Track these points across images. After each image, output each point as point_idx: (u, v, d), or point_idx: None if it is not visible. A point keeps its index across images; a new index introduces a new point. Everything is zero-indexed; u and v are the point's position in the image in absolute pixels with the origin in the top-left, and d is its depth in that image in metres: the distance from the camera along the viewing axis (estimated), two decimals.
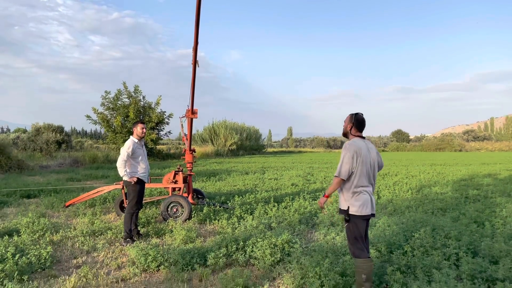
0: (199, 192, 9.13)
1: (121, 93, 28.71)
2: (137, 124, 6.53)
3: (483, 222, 6.83)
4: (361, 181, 3.96)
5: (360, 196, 3.96)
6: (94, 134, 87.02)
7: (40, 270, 4.89)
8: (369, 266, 3.88)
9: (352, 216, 3.96)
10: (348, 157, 3.92)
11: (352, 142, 4.02)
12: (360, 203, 3.94)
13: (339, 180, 3.97)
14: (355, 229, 3.98)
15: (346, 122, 4.18)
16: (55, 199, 9.73)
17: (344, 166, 3.92)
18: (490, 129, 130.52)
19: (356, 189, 3.96)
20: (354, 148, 3.94)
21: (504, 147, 64.20)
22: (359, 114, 4.12)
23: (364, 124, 4.13)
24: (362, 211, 3.94)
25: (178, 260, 4.89)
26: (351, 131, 4.14)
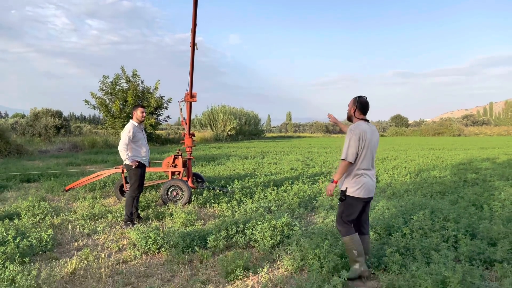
0: (199, 176, 9.15)
1: (119, 77, 28.55)
2: (137, 108, 6.51)
3: (482, 205, 6.87)
4: (364, 164, 3.99)
5: (360, 178, 3.99)
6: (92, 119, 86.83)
7: (41, 253, 4.92)
8: (357, 241, 3.98)
9: (348, 197, 4.03)
10: (354, 140, 3.92)
11: (357, 125, 4.02)
12: (359, 185, 3.98)
13: (347, 163, 3.96)
14: (348, 209, 4.06)
15: (350, 105, 4.18)
16: (55, 183, 9.75)
17: (351, 149, 3.92)
18: (489, 114, 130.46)
19: (358, 172, 3.99)
20: (359, 131, 3.94)
21: (503, 132, 64.26)
22: (362, 97, 4.12)
23: (367, 107, 4.13)
24: (359, 193, 3.99)
25: (179, 243, 4.92)
26: (355, 114, 4.14)
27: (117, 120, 27.99)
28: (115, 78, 28.44)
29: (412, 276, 3.70)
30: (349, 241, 4.00)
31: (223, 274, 4.12)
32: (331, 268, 4.03)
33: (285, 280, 4.04)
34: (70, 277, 4.15)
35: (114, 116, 28.16)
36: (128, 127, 6.35)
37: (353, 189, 4.00)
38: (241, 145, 30.62)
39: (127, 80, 28.68)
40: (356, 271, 3.97)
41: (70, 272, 4.23)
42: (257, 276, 4.18)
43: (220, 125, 41.95)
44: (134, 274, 4.24)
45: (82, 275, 4.19)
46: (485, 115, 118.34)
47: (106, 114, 28.52)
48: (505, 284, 3.62)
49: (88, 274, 4.22)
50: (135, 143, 6.40)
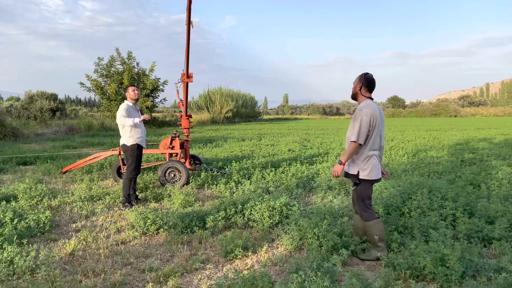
0: (196, 157, 9.11)
1: (114, 59, 28.25)
2: (128, 88, 6.50)
3: (479, 184, 6.89)
4: (374, 145, 3.88)
5: (370, 160, 3.88)
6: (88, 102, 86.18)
7: (40, 234, 4.90)
8: (379, 227, 3.91)
9: (362, 181, 3.91)
10: (366, 120, 3.77)
11: (367, 104, 3.86)
12: (371, 167, 3.87)
13: (357, 145, 3.82)
14: (364, 192, 3.95)
15: (355, 83, 4.01)
16: (52, 165, 9.70)
17: (362, 130, 3.78)
18: (485, 95, 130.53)
19: (368, 153, 3.87)
20: (370, 111, 3.79)
21: (499, 113, 64.36)
22: (369, 74, 3.96)
23: (374, 84, 3.98)
24: (372, 175, 3.88)
25: (177, 223, 4.91)
26: (361, 91, 3.97)
27: (113, 102, 27.80)
28: (110, 60, 28.15)
29: (411, 254, 3.72)
30: (372, 226, 3.91)
31: (223, 253, 4.12)
32: (330, 247, 4.03)
33: (284, 259, 4.05)
34: (69, 258, 4.14)
35: (110, 98, 27.97)
36: (122, 106, 6.31)
37: (365, 172, 3.87)
38: (238, 127, 30.54)
39: (122, 62, 28.39)
40: (374, 255, 3.95)
41: (69, 253, 4.22)
42: (256, 255, 4.19)
43: (217, 107, 41.74)
44: (133, 254, 4.24)
45: (81, 256, 4.18)
46: (482, 96, 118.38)
47: (101, 96, 28.33)
48: (503, 261, 3.64)
49: (87, 254, 4.22)
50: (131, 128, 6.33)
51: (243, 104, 47.32)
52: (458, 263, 3.33)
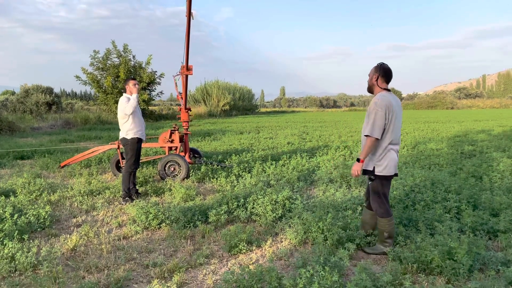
0: (196, 151, 9.05)
1: (110, 52, 28.02)
2: (129, 81, 6.34)
3: (481, 176, 6.87)
4: (391, 139, 3.73)
5: (387, 155, 3.75)
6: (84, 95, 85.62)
7: (40, 230, 4.84)
8: (391, 224, 3.86)
9: (378, 176, 3.80)
10: (381, 114, 3.62)
11: (382, 96, 3.71)
12: (386, 163, 3.74)
13: (373, 140, 3.68)
14: (380, 188, 3.84)
15: (371, 74, 3.87)
16: (50, 160, 9.61)
17: (378, 124, 3.64)
18: (482, 87, 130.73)
19: (386, 148, 3.74)
20: (385, 103, 3.65)
21: (496, 104, 64.53)
22: (385, 64, 3.83)
23: (391, 74, 3.83)
24: (388, 171, 3.75)
25: (180, 218, 4.86)
26: (377, 83, 3.82)
27: (109, 96, 27.61)
28: (106, 53, 27.92)
29: (418, 247, 3.68)
30: (385, 223, 3.83)
31: (227, 248, 4.08)
32: (335, 240, 4.00)
33: (289, 253, 4.01)
34: (71, 254, 4.09)
35: (106, 92, 27.77)
36: (123, 99, 6.20)
37: (381, 168, 3.75)
38: (235, 120, 30.45)
39: (118, 55, 28.17)
40: (380, 250, 3.92)
41: (71, 249, 4.16)
42: (260, 249, 4.15)
43: (214, 100, 41.59)
44: (136, 249, 4.19)
45: (83, 251, 4.13)
46: (478, 88, 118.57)
47: (98, 90, 28.13)
48: (510, 254, 3.62)
49: (89, 250, 4.16)
50: (132, 116, 6.24)
51: (240, 97, 47.16)
52: (466, 256, 3.30)
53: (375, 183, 3.86)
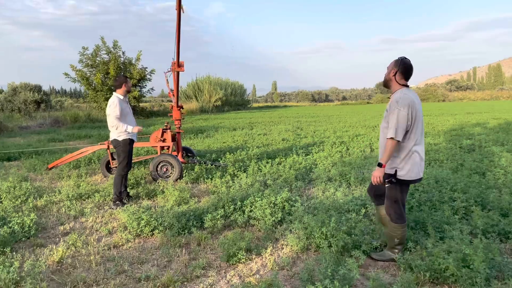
0: (189, 150, 8.76)
1: (99, 48, 27.48)
2: (128, 79, 6.08)
3: (484, 172, 6.68)
4: (415, 140, 3.45)
5: (411, 158, 3.46)
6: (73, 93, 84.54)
7: (25, 239, 4.53)
8: (403, 232, 3.62)
9: (399, 180, 3.52)
10: (403, 114, 3.33)
11: (403, 94, 3.41)
12: (409, 166, 3.46)
13: (395, 142, 3.37)
14: (398, 192, 3.56)
15: (389, 68, 3.58)
16: (37, 161, 9.27)
17: (401, 125, 3.34)
18: (472, 79, 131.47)
19: (409, 150, 3.46)
20: (408, 102, 3.36)
21: (486, 96, 64.82)
22: (406, 59, 3.53)
23: (411, 71, 3.53)
24: (411, 175, 3.48)
25: (173, 224, 4.59)
26: (396, 78, 3.52)
27: (99, 93, 27.10)
28: (95, 50, 27.38)
29: (429, 254, 3.45)
30: (398, 229, 3.59)
31: (225, 257, 3.81)
32: (340, 247, 3.76)
33: (292, 261, 3.77)
34: (57, 267, 3.80)
35: (96, 89, 27.25)
36: (114, 101, 5.85)
37: (404, 171, 3.48)
38: (228, 116, 30.14)
39: (107, 52, 27.64)
40: (388, 257, 3.69)
41: (57, 261, 3.87)
42: (260, 258, 3.89)
43: (205, 96, 41.17)
44: (127, 260, 3.91)
45: (70, 264, 3.84)
46: (469, 80, 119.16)
47: (87, 87, 27.59)
48: None
49: (76, 262, 3.88)
50: (123, 117, 5.94)
51: (232, 92, 46.80)
52: (483, 264, 3.08)
53: (393, 187, 3.57)
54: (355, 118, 23.34)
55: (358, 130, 14.92)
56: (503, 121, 17.13)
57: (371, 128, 15.79)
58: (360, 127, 16.28)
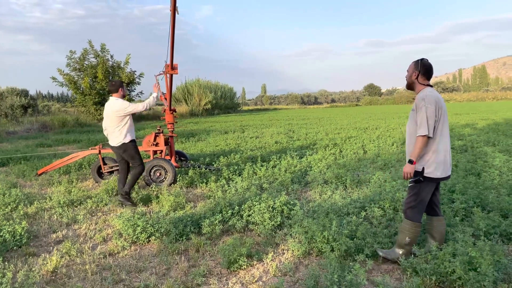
0: (182, 154, 8.64)
1: (87, 52, 27.18)
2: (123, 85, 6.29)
3: (479, 173, 6.69)
4: (441, 137, 3.47)
5: (439, 155, 3.46)
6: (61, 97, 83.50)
7: (16, 248, 4.38)
8: (416, 231, 3.56)
9: (426, 178, 3.50)
10: (431, 110, 3.35)
11: (429, 92, 3.46)
12: (437, 163, 3.46)
13: (425, 139, 3.40)
14: (423, 191, 3.54)
15: (410, 71, 3.63)
16: (26, 167, 9.07)
17: (430, 121, 3.36)
18: (458, 80, 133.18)
19: (436, 147, 3.46)
20: (434, 99, 3.40)
21: (472, 98, 65.71)
22: (425, 60, 3.58)
23: (432, 70, 3.58)
24: (437, 173, 3.47)
25: (170, 230, 4.47)
26: (418, 80, 3.57)
27: (87, 97, 26.77)
28: (83, 53, 27.08)
29: (435, 257, 3.39)
30: (411, 227, 3.54)
31: (225, 264, 3.71)
32: (343, 251, 3.69)
33: (294, 267, 3.68)
34: (51, 277, 3.66)
35: (84, 93, 26.91)
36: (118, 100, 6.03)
37: (431, 169, 3.47)
38: (218, 119, 30.01)
39: (95, 55, 27.35)
40: (395, 256, 3.62)
41: (51, 271, 3.73)
42: (262, 264, 3.80)
43: (195, 99, 40.99)
44: (124, 268, 3.79)
45: (65, 274, 3.70)
46: (455, 82, 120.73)
47: (75, 91, 27.23)
48: None
49: (71, 271, 3.75)
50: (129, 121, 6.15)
51: (221, 95, 46.67)
52: (490, 267, 3.03)
53: (420, 185, 3.56)
54: (346, 120, 23.41)
55: (350, 132, 14.93)
56: (491, 121, 17.32)
57: (363, 130, 15.82)
58: (351, 129, 16.30)
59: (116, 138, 6.01)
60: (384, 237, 4.02)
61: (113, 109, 5.94)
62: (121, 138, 6.00)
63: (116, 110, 5.94)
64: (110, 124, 5.98)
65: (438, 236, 3.70)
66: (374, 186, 6.07)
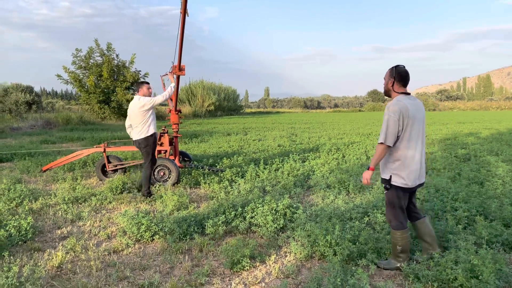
0: (185, 154, 8.69)
1: (93, 51, 27.33)
2: (143, 85, 6.54)
3: (482, 182, 6.71)
4: (409, 146, 3.46)
5: (405, 164, 3.47)
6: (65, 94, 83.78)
7: (21, 243, 4.43)
8: (404, 238, 3.57)
9: (394, 186, 3.54)
10: (394, 120, 3.36)
11: (397, 101, 3.45)
12: (405, 173, 3.47)
13: (384, 147, 3.43)
14: (395, 199, 3.56)
15: (386, 78, 3.61)
16: (30, 163, 9.13)
17: (390, 130, 3.38)
18: (462, 89, 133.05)
19: (401, 156, 3.47)
20: (399, 108, 3.39)
21: (476, 106, 65.58)
22: (400, 66, 3.55)
23: (408, 77, 3.56)
24: (407, 182, 3.48)
25: (174, 229, 4.51)
26: (393, 88, 3.56)
27: (92, 95, 26.90)
28: (89, 52, 27.23)
29: (437, 264, 3.42)
30: (397, 236, 3.57)
31: (228, 264, 3.74)
32: (346, 256, 3.72)
33: (296, 269, 3.71)
34: (56, 272, 3.71)
35: (89, 91, 27.04)
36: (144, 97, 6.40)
37: (398, 178, 3.49)
38: (221, 121, 30.07)
39: (101, 54, 27.51)
40: (394, 265, 3.65)
41: (56, 266, 3.78)
42: (264, 265, 3.83)
43: (198, 100, 41.08)
44: (129, 266, 3.83)
45: (70, 269, 3.75)
46: (459, 90, 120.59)
47: (80, 89, 27.37)
48: None
49: (76, 267, 3.79)
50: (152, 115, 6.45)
51: (225, 97, 46.76)
52: (492, 275, 3.06)
53: (390, 194, 3.60)
54: (349, 125, 23.43)
55: (353, 138, 14.96)
56: (495, 131, 17.31)
57: (366, 136, 15.84)
58: (354, 135, 16.32)
59: (140, 133, 6.36)
60: (387, 243, 4.05)
61: (136, 106, 6.33)
62: (144, 132, 6.33)
63: (139, 107, 6.30)
64: (135, 120, 6.36)
65: (429, 239, 3.70)
66: (377, 192, 6.09)
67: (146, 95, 6.48)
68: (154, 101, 6.41)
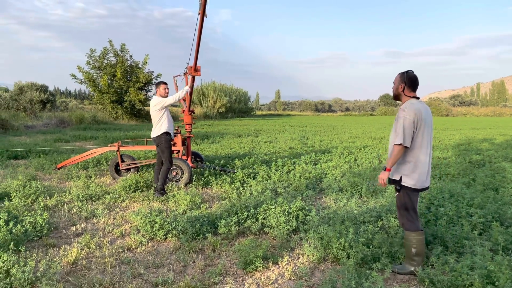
0: (198, 155, 8.72)
1: (107, 51, 27.62)
2: (160, 85, 6.76)
3: (497, 188, 6.62)
4: (421, 148, 3.52)
5: (417, 166, 3.53)
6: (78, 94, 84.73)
7: (37, 239, 4.49)
8: (419, 240, 3.56)
9: (405, 188, 3.58)
10: (409, 121, 3.44)
11: (410, 104, 3.54)
12: (416, 174, 3.52)
13: (401, 148, 3.48)
14: (407, 200, 3.59)
15: (396, 83, 3.69)
16: (45, 160, 9.25)
17: (407, 131, 3.45)
18: (476, 95, 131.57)
19: (413, 158, 3.53)
20: (414, 110, 3.47)
21: (490, 113, 64.74)
22: (410, 72, 3.65)
23: (417, 82, 3.65)
24: (416, 183, 3.53)
25: (187, 228, 4.54)
26: (404, 92, 3.64)
27: (105, 95, 27.17)
28: (103, 52, 27.52)
29: (452, 269, 3.39)
30: (412, 238, 3.57)
31: (241, 264, 3.75)
32: (359, 259, 3.71)
33: (309, 272, 3.70)
34: (71, 268, 3.75)
35: (102, 91, 27.32)
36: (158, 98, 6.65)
37: (409, 179, 3.54)
38: (232, 122, 30.13)
39: (115, 54, 27.78)
40: (408, 269, 3.63)
41: (72, 262, 3.82)
42: (277, 266, 3.83)
43: (210, 102, 41.18)
44: (142, 264, 3.86)
45: (85, 265, 3.79)
46: (472, 96, 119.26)
47: (93, 89, 27.66)
48: None
49: (91, 264, 3.83)
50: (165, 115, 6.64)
51: (236, 99, 46.82)
52: (509, 281, 3.02)
53: (402, 195, 3.62)
54: (360, 129, 23.31)
55: (365, 142, 14.88)
56: (509, 137, 17.08)
57: (378, 140, 15.74)
58: (366, 139, 16.23)
59: (155, 130, 6.63)
60: (401, 247, 4.02)
61: (151, 105, 6.72)
62: (158, 130, 6.58)
63: (152, 106, 6.66)
64: (152, 119, 6.71)
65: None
66: (390, 196, 6.05)
67: (162, 95, 6.70)
68: (164, 101, 6.61)
